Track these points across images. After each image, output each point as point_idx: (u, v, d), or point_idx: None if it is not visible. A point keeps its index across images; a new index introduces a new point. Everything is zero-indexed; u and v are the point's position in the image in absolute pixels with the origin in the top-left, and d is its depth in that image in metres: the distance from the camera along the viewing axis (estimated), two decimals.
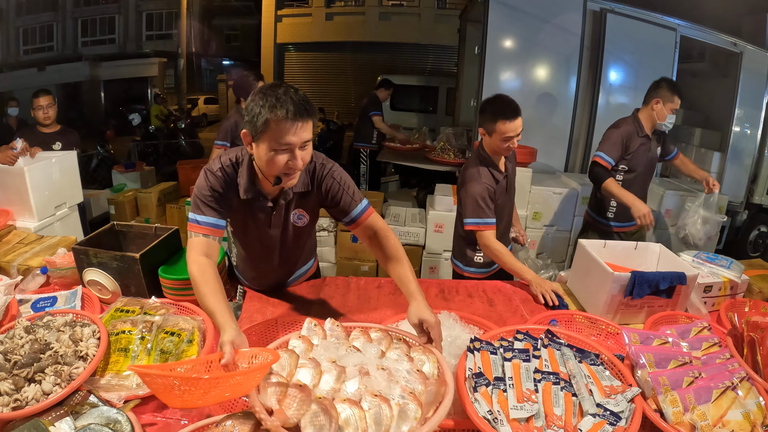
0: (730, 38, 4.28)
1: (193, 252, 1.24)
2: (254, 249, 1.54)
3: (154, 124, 8.64)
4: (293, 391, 0.90)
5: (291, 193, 1.38)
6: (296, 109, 1.13)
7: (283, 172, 1.22)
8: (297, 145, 1.17)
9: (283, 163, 1.19)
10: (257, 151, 1.21)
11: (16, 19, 11.36)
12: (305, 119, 1.15)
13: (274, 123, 1.14)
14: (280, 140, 1.15)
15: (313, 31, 15.27)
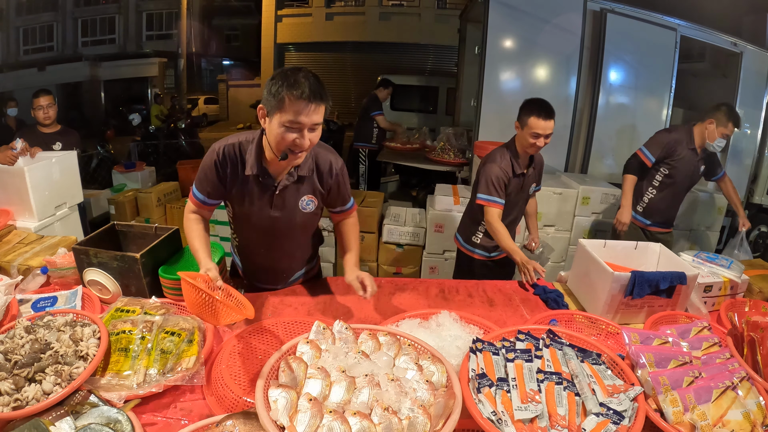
0: (730, 38, 4.28)
1: (186, 211, 1.48)
2: (255, 234, 1.54)
3: (154, 124, 8.64)
4: (304, 405, 0.89)
5: (296, 176, 1.43)
6: (311, 92, 1.20)
7: (289, 149, 1.28)
8: (307, 126, 1.24)
9: (291, 140, 1.25)
10: (269, 126, 1.28)
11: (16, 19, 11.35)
12: (318, 103, 1.22)
13: (289, 101, 1.21)
14: (292, 118, 1.22)
15: (313, 31, 15.26)
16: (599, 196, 3.62)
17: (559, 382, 1.00)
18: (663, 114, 4.30)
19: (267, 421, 0.87)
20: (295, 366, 1.00)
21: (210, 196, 1.44)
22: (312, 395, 0.93)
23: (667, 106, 4.28)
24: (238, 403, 1.06)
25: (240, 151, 1.40)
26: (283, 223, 1.50)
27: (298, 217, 1.50)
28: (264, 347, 1.28)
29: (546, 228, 3.70)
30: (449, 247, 3.64)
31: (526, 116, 2.00)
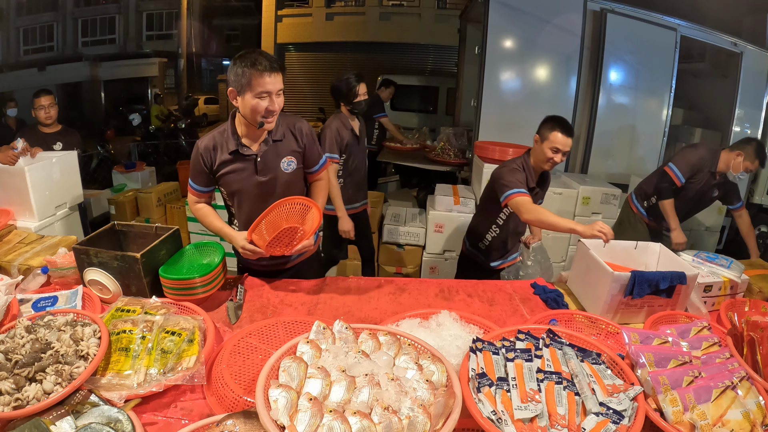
0: (730, 38, 4.28)
1: (192, 204, 1.76)
2: (249, 203, 1.71)
3: (154, 124, 8.64)
4: (304, 405, 0.90)
5: (270, 141, 1.66)
6: (270, 64, 1.50)
7: (263, 116, 1.55)
8: (273, 92, 1.52)
9: (264, 108, 1.52)
10: (242, 103, 1.55)
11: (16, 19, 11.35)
12: (277, 72, 1.52)
13: (255, 76, 1.49)
14: (261, 89, 1.50)
15: (313, 31, 15.26)
16: (599, 196, 3.62)
17: (558, 382, 1.00)
18: (663, 114, 4.30)
19: (267, 421, 0.87)
20: (295, 366, 1.01)
21: (205, 185, 1.71)
22: (312, 395, 0.93)
23: (667, 106, 4.28)
24: (239, 402, 1.06)
25: (215, 140, 1.64)
26: (270, 186, 1.69)
27: (282, 177, 1.70)
28: (264, 347, 1.28)
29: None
30: (449, 247, 3.64)
31: (549, 130, 2.00)
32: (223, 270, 1.64)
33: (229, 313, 1.51)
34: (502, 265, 2.37)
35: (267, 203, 1.65)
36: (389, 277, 1.81)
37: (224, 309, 1.54)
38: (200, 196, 1.74)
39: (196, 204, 1.75)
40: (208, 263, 1.66)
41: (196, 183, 1.71)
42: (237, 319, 1.49)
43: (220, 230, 1.70)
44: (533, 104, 4.17)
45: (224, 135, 1.65)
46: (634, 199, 2.94)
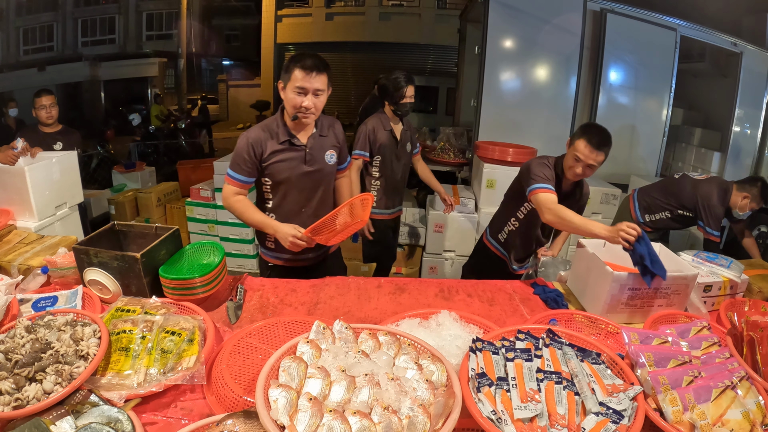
0: (730, 38, 4.29)
1: (230, 195, 1.78)
2: (295, 192, 1.82)
3: (154, 124, 8.64)
4: (304, 405, 0.90)
5: (317, 135, 1.82)
6: (313, 63, 1.62)
7: (298, 111, 1.67)
8: (310, 90, 1.64)
9: (300, 103, 1.65)
10: (285, 94, 1.69)
11: (16, 19, 11.34)
12: (319, 72, 1.63)
13: (296, 71, 1.63)
14: (298, 84, 1.63)
15: (313, 31, 15.25)
16: (599, 196, 3.62)
17: (558, 382, 1.00)
18: (663, 114, 4.30)
19: (267, 421, 0.87)
20: (295, 366, 1.01)
21: (249, 175, 1.76)
22: (312, 395, 0.93)
23: (667, 106, 4.28)
24: (239, 402, 1.06)
25: (265, 132, 1.75)
26: (315, 177, 1.82)
27: (326, 168, 1.85)
28: (264, 347, 1.28)
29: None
30: (449, 247, 3.64)
31: (577, 137, 1.88)
32: (223, 270, 1.64)
33: (229, 313, 1.51)
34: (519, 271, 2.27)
35: (310, 192, 1.82)
36: (389, 277, 1.81)
37: (224, 309, 1.54)
38: (242, 188, 1.77)
39: (236, 196, 1.77)
40: (208, 263, 1.66)
41: (239, 173, 1.75)
42: (237, 319, 1.49)
43: (262, 222, 1.75)
44: (533, 104, 4.18)
45: (274, 127, 1.76)
46: (637, 208, 2.91)
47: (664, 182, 2.96)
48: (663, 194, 2.81)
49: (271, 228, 1.72)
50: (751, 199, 2.59)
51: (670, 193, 2.77)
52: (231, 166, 1.76)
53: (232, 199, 1.78)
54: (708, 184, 2.69)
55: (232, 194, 1.78)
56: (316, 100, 1.66)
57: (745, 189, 2.61)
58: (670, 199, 2.76)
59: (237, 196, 1.77)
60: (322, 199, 1.89)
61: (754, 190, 2.58)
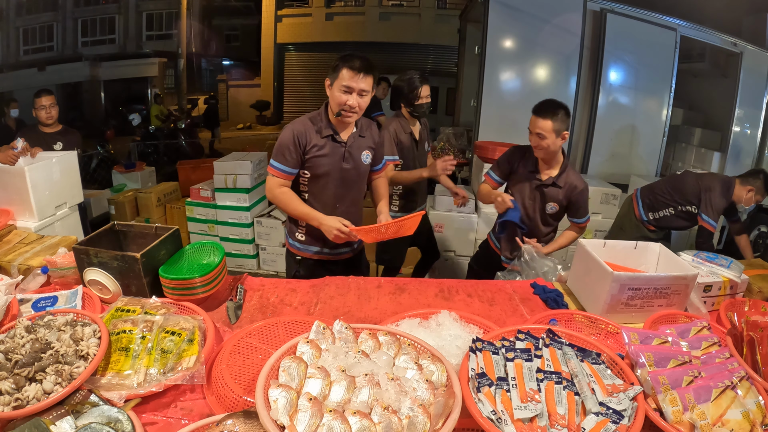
0: (730, 38, 4.29)
1: (274, 187, 1.82)
2: (331, 187, 1.87)
3: (154, 124, 8.65)
4: (304, 405, 0.90)
5: (357, 134, 1.87)
6: (361, 64, 1.68)
7: (342, 109, 1.73)
8: (356, 90, 1.70)
9: (344, 101, 1.71)
10: (331, 93, 1.75)
11: (16, 19, 11.34)
12: (366, 73, 1.70)
13: (344, 71, 1.69)
14: (345, 83, 1.69)
15: (313, 31, 15.26)
16: (599, 196, 3.62)
17: (558, 382, 1.00)
18: (663, 114, 4.31)
19: (267, 421, 0.87)
20: (295, 366, 1.01)
21: (293, 166, 1.80)
22: (312, 395, 0.93)
23: (667, 106, 4.28)
24: (239, 402, 1.06)
25: (309, 125, 1.80)
26: (351, 174, 1.88)
27: (361, 168, 1.91)
28: (264, 347, 1.28)
29: None
30: (449, 247, 3.64)
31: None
32: (223, 270, 1.64)
33: (229, 313, 1.51)
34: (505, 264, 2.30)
35: (345, 189, 1.89)
36: (389, 277, 1.81)
37: (224, 309, 1.54)
38: (286, 179, 1.82)
39: (281, 187, 1.82)
40: (208, 263, 1.66)
41: (284, 164, 1.79)
42: (237, 319, 1.49)
43: (307, 214, 1.81)
44: (533, 104, 4.17)
45: (318, 121, 1.81)
46: (641, 207, 2.90)
47: (666, 179, 2.96)
48: (666, 190, 2.80)
49: (316, 220, 1.79)
50: (756, 192, 2.60)
51: (674, 188, 2.77)
52: (275, 157, 1.80)
53: (277, 190, 1.82)
54: (711, 176, 2.74)
55: (277, 185, 1.82)
56: (361, 100, 1.72)
57: (749, 182, 2.61)
58: (674, 195, 2.75)
59: (282, 187, 1.82)
60: (354, 197, 1.96)
61: (758, 183, 2.59)
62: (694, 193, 2.67)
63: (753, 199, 2.61)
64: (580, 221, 2.22)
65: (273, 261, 3.98)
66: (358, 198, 2.01)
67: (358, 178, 1.93)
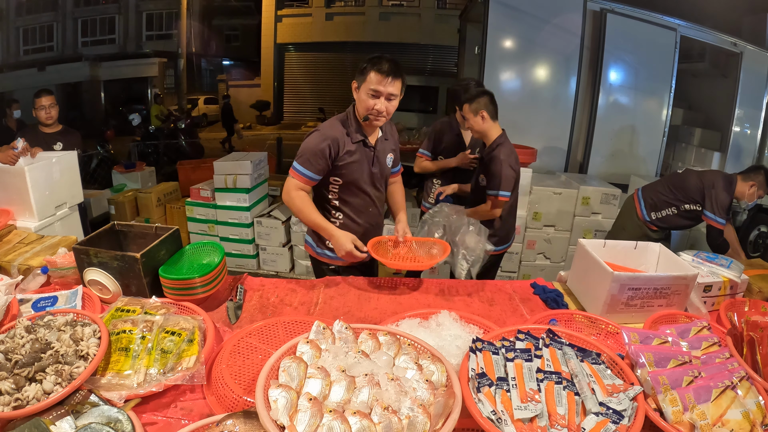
0: (730, 38, 4.29)
1: (292, 189, 1.73)
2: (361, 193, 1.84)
3: (154, 124, 8.65)
4: (304, 405, 0.90)
5: (383, 138, 1.85)
6: (389, 68, 1.62)
7: (370, 113, 1.68)
8: (384, 95, 1.65)
9: (372, 106, 1.66)
10: (358, 96, 1.71)
11: (16, 19, 11.34)
12: (395, 77, 1.64)
13: (371, 74, 1.64)
14: (373, 87, 1.64)
15: (313, 31, 15.27)
16: (599, 196, 3.62)
17: (558, 382, 1.00)
18: (663, 114, 4.31)
19: (267, 421, 0.87)
20: (295, 366, 1.00)
21: (319, 173, 1.74)
22: (312, 395, 0.93)
23: (667, 106, 4.28)
24: (239, 402, 1.06)
25: (341, 130, 1.74)
26: (378, 178, 1.87)
27: (385, 171, 1.90)
28: (264, 347, 1.28)
29: (546, 228, 3.70)
30: None
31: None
32: (223, 270, 1.64)
33: (229, 313, 1.51)
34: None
35: (374, 192, 1.87)
36: (389, 277, 1.81)
37: (224, 309, 1.54)
38: (307, 184, 1.75)
39: (299, 191, 1.74)
40: (208, 263, 1.66)
41: (309, 169, 1.71)
42: (237, 319, 1.49)
43: (319, 224, 1.74)
44: (533, 104, 4.18)
45: (348, 125, 1.76)
46: (643, 207, 2.87)
47: (668, 178, 2.94)
48: (668, 189, 2.78)
49: (327, 232, 1.73)
50: (758, 187, 2.58)
51: (676, 187, 2.75)
52: (300, 161, 1.72)
53: (293, 192, 1.74)
54: (713, 173, 2.71)
55: (295, 188, 1.74)
56: (389, 105, 1.67)
57: (750, 178, 2.59)
58: (677, 194, 2.73)
59: (299, 191, 1.75)
60: (380, 199, 1.95)
61: (760, 178, 2.57)
62: (697, 191, 2.65)
63: (756, 194, 2.58)
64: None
65: (273, 261, 3.98)
66: (383, 199, 1.99)
67: (383, 180, 1.92)
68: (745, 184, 2.59)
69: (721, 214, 2.56)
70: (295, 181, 1.73)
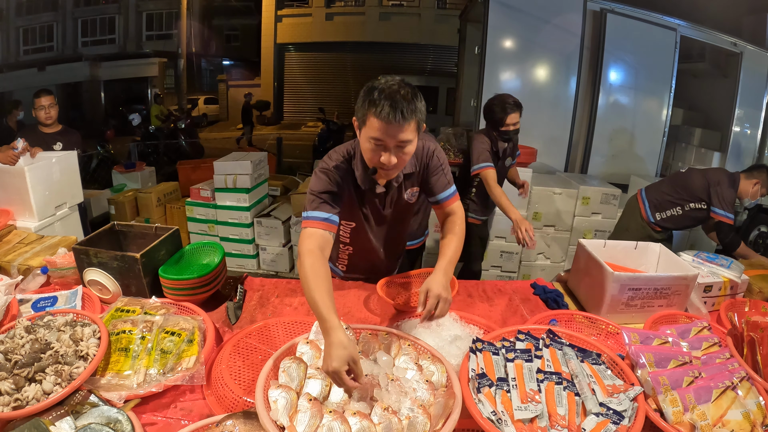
0: (730, 38, 4.29)
1: (307, 242, 1.22)
2: (371, 235, 1.58)
3: (154, 124, 8.66)
4: (304, 405, 0.89)
5: (401, 176, 1.43)
6: (392, 110, 1.12)
7: (377, 166, 1.25)
8: (391, 145, 1.18)
9: (378, 159, 1.21)
10: (360, 138, 1.25)
11: (16, 19, 11.35)
12: (401, 122, 1.14)
13: (371, 118, 1.16)
14: (376, 135, 1.17)
15: (313, 31, 15.28)
16: (599, 196, 3.62)
17: (558, 382, 1.00)
18: (663, 114, 4.31)
19: (267, 421, 0.87)
20: (295, 366, 1.00)
21: (333, 211, 1.31)
22: (312, 395, 0.93)
23: (667, 106, 4.28)
24: (238, 403, 1.06)
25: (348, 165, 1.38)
26: (393, 217, 1.56)
27: (405, 208, 1.55)
28: (264, 347, 1.28)
29: (546, 228, 3.70)
30: None
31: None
32: (223, 270, 1.64)
33: (229, 313, 1.51)
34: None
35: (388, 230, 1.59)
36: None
37: (224, 309, 1.54)
38: (329, 228, 1.28)
39: (311, 255, 1.18)
40: (208, 263, 1.66)
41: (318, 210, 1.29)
42: (237, 319, 1.49)
43: (318, 312, 1.05)
44: (533, 104, 4.16)
45: (356, 166, 1.37)
46: (647, 207, 2.85)
47: (671, 177, 2.91)
48: (672, 189, 2.76)
49: (324, 328, 1.02)
50: (762, 185, 2.57)
51: (680, 186, 2.73)
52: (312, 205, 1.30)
53: (307, 252, 1.19)
54: (716, 171, 2.69)
55: (313, 244, 1.22)
56: (402, 153, 1.21)
57: (754, 176, 2.58)
58: (681, 193, 2.71)
59: (316, 251, 1.20)
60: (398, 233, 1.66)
61: (763, 176, 2.56)
62: (702, 189, 2.63)
63: (759, 192, 2.57)
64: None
65: (273, 261, 3.98)
66: (403, 232, 1.70)
67: (402, 216, 1.59)
68: (748, 182, 2.57)
69: (729, 209, 2.54)
70: (308, 231, 1.26)
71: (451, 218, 1.46)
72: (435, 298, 1.20)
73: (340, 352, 0.96)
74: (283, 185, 4.48)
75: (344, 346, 0.96)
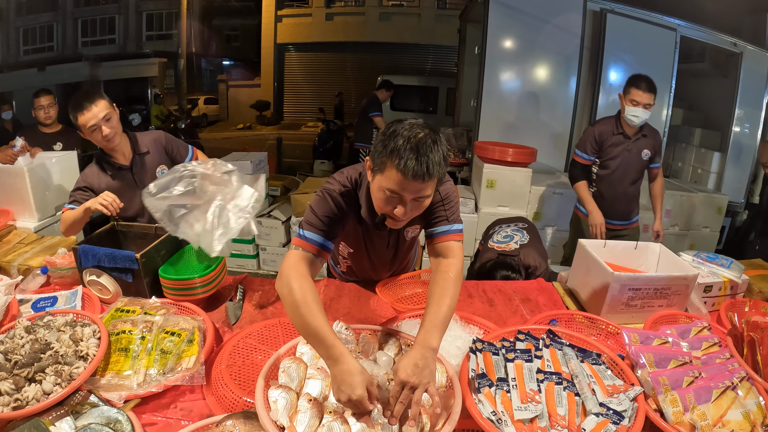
0: (730, 38, 4.28)
1: (298, 265, 1.13)
2: (366, 262, 1.62)
3: (154, 124, 8.66)
4: (304, 406, 0.89)
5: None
6: (417, 164, 1.00)
7: (388, 215, 1.14)
8: (408, 199, 1.08)
9: (390, 209, 1.11)
10: (372, 183, 1.14)
11: (16, 19, 11.34)
12: (421, 181, 1.03)
13: (390, 169, 1.04)
14: (392, 187, 1.06)
15: (313, 31, 15.27)
16: None
17: (558, 382, 1.00)
18: (663, 114, 4.30)
19: (267, 422, 0.87)
20: (295, 366, 1.00)
21: (330, 238, 1.22)
22: (312, 395, 0.93)
23: (667, 106, 4.28)
24: (238, 403, 1.06)
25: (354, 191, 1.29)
26: (395, 251, 1.59)
27: (407, 243, 1.58)
28: (264, 347, 1.28)
29: (546, 228, 3.70)
30: None
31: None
32: (223, 270, 1.64)
33: (228, 314, 1.51)
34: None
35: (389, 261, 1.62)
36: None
37: (224, 309, 1.54)
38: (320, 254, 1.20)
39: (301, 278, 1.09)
40: (208, 263, 1.65)
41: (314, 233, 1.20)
42: (237, 320, 1.49)
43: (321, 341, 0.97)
44: (533, 104, 4.18)
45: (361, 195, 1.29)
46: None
47: None
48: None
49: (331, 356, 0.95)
50: (623, 94, 2.48)
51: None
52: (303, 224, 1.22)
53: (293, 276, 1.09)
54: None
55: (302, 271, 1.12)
56: (418, 206, 1.11)
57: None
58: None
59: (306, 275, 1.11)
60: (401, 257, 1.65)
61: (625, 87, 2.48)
62: None
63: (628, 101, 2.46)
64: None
65: (273, 261, 3.98)
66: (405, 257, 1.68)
67: (399, 252, 1.58)
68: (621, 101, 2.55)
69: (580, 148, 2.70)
70: (299, 252, 1.17)
71: (445, 262, 1.23)
72: (399, 385, 0.93)
73: (358, 378, 0.90)
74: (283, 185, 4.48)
75: (360, 372, 0.92)
